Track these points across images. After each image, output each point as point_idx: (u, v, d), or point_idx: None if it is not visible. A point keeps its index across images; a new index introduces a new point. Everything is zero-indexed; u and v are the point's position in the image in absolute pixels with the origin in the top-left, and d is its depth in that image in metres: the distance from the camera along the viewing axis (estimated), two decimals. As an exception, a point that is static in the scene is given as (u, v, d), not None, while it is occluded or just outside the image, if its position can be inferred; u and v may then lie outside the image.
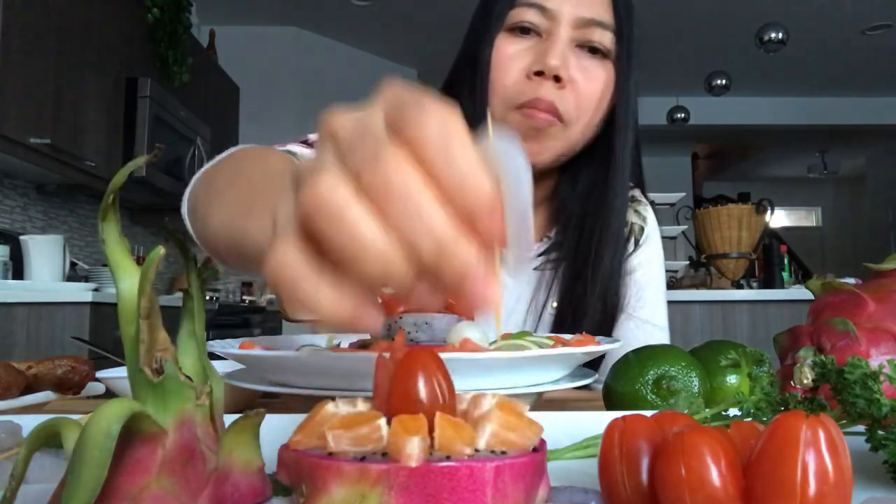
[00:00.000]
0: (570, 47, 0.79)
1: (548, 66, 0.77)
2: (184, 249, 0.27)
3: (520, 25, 0.80)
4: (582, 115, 0.80)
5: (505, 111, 0.80)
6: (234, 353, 0.56)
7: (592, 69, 0.80)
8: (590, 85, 0.80)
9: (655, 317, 0.92)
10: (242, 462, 0.24)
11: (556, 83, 0.78)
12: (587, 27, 0.79)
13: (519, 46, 0.80)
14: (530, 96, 0.78)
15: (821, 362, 0.35)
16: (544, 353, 0.53)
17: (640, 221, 0.95)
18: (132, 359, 0.24)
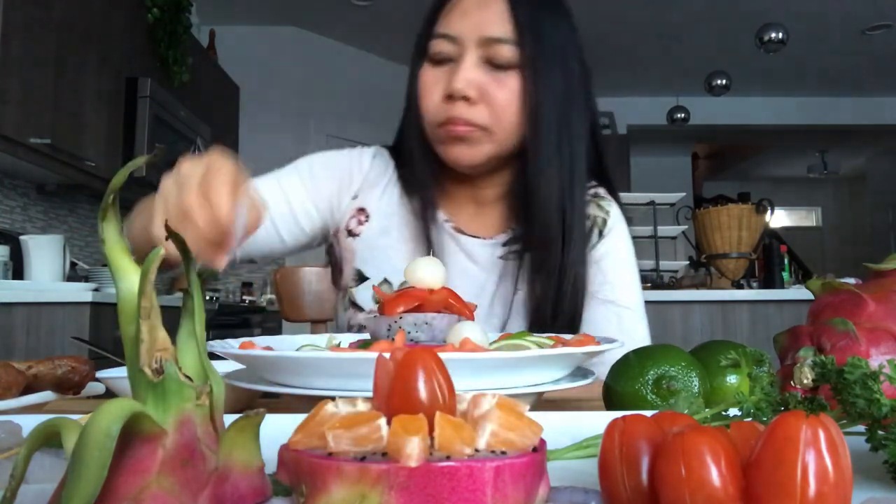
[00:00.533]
0: (480, 64, 0.89)
1: (454, 90, 0.87)
2: (184, 249, 0.27)
3: (436, 56, 0.91)
4: (499, 121, 0.89)
5: (431, 128, 0.92)
6: (234, 353, 0.56)
7: (502, 79, 0.89)
8: (500, 94, 0.88)
9: (623, 298, 0.97)
10: (242, 462, 0.24)
11: (467, 101, 0.88)
12: (490, 45, 0.88)
13: (436, 74, 0.91)
14: (446, 116, 0.89)
15: (821, 362, 0.35)
16: (544, 353, 0.53)
17: (603, 215, 1.00)
18: (132, 359, 0.24)
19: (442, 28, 0.91)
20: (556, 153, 0.91)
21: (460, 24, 0.89)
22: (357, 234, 1.00)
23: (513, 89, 0.89)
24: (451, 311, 0.64)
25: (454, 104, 0.88)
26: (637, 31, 5.20)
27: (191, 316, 0.26)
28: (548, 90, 0.89)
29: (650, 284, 2.94)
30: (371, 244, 0.99)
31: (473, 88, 0.87)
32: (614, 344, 0.61)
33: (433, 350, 0.30)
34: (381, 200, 1.01)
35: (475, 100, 0.88)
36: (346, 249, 1.01)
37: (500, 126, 0.89)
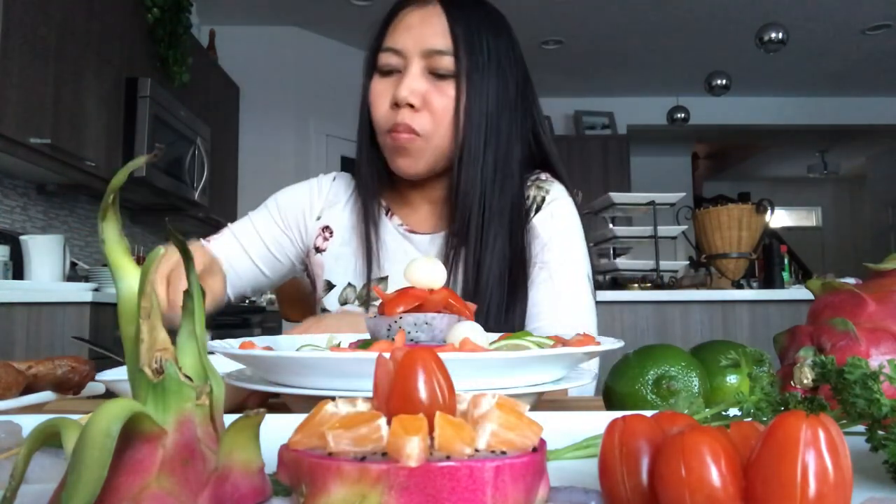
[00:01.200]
0: (424, 74, 0.97)
1: (398, 97, 0.95)
2: (184, 249, 0.27)
3: (383, 68, 0.99)
4: (438, 127, 0.96)
5: (381, 135, 1.00)
6: (234, 353, 0.56)
7: (442, 88, 0.97)
8: (440, 102, 0.96)
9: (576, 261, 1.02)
10: (242, 462, 0.24)
11: (411, 109, 0.95)
12: (431, 56, 0.96)
13: (384, 84, 0.99)
14: (392, 122, 0.96)
15: (821, 362, 0.35)
16: (544, 353, 0.53)
17: (543, 193, 1.06)
18: (132, 359, 0.24)
19: (388, 42, 0.99)
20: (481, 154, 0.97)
21: (404, 37, 0.98)
22: (324, 250, 1.10)
23: (450, 96, 0.96)
24: (451, 311, 0.64)
25: (399, 111, 0.96)
26: (637, 32, 5.20)
27: (191, 316, 0.26)
28: (480, 98, 0.97)
29: (650, 284, 2.94)
30: (335, 254, 1.08)
31: (416, 96, 0.95)
32: (615, 344, 0.61)
33: (433, 350, 0.30)
34: (342, 215, 1.10)
35: (418, 107, 0.95)
36: (316, 265, 1.11)
37: (438, 132, 0.97)
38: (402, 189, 1.08)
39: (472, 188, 0.97)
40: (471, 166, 0.97)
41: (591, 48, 5.49)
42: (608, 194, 2.95)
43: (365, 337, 0.67)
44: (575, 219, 1.06)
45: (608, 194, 2.95)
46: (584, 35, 5.22)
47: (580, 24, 5.00)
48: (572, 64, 5.75)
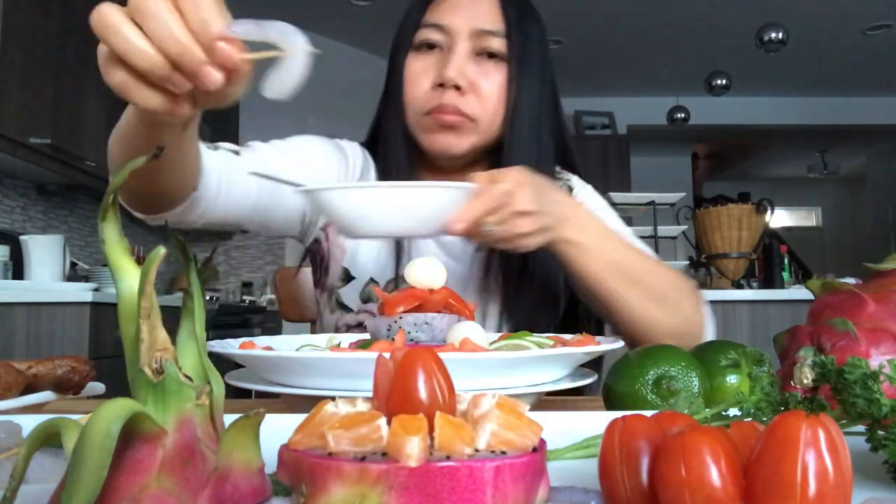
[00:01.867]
0: (471, 55, 0.91)
1: (446, 77, 0.89)
2: (184, 249, 0.27)
3: (425, 43, 0.93)
4: (486, 112, 0.91)
5: (418, 117, 0.93)
6: (234, 353, 0.56)
7: (490, 72, 0.92)
8: (488, 85, 0.91)
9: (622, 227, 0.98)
10: (242, 462, 0.24)
11: (457, 91, 0.89)
12: (481, 37, 0.91)
13: (425, 62, 0.92)
14: (436, 103, 0.90)
15: (821, 362, 0.35)
16: (544, 353, 0.53)
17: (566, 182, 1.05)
18: (132, 359, 0.24)
19: (432, 17, 0.93)
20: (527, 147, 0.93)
21: (452, 15, 0.92)
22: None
23: (499, 82, 0.92)
24: (451, 311, 0.64)
25: (444, 92, 0.89)
26: (637, 31, 5.20)
27: (191, 316, 0.26)
28: (527, 87, 0.93)
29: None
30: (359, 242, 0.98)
31: (464, 78, 0.89)
32: (615, 343, 0.61)
33: (433, 350, 0.30)
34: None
35: (465, 89, 0.90)
36: (336, 246, 0.99)
37: (486, 117, 0.92)
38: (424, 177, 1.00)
39: None
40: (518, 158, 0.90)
41: (591, 48, 5.49)
42: (608, 194, 2.95)
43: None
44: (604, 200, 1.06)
45: (608, 194, 2.95)
46: (584, 35, 5.22)
47: (580, 24, 5.00)
48: (572, 64, 5.75)
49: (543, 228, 0.73)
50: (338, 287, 0.99)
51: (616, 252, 0.81)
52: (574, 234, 0.77)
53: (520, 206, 0.70)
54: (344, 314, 0.98)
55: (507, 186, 0.69)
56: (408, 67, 0.93)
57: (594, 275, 0.79)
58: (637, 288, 0.81)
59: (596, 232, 0.80)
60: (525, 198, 0.70)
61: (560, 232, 0.76)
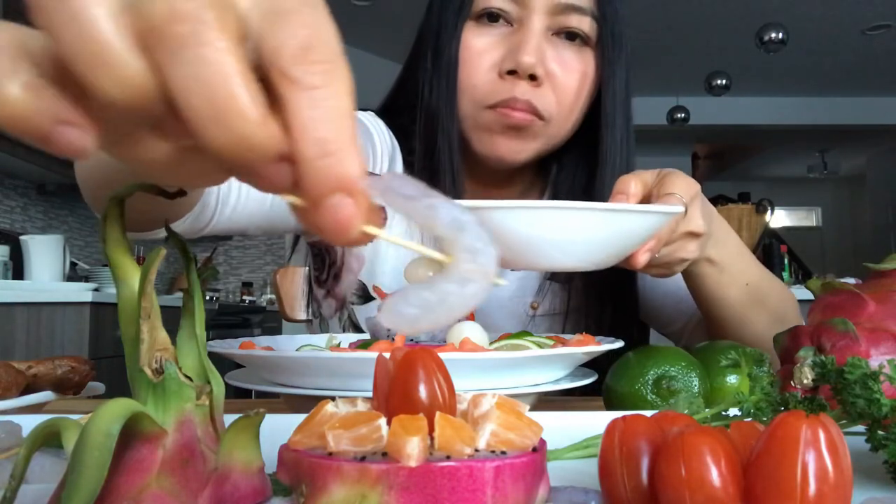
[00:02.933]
0: (546, 36, 0.72)
1: (522, 64, 0.69)
2: (184, 249, 0.27)
3: (488, 12, 0.72)
4: (562, 110, 0.74)
5: (476, 111, 0.74)
6: (234, 353, 0.56)
7: (571, 60, 0.73)
8: (569, 77, 0.73)
9: None
10: (242, 462, 0.24)
11: (532, 81, 0.71)
12: (563, 13, 0.71)
13: (488, 38, 0.72)
14: (505, 96, 0.71)
15: (821, 362, 0.35)
16: (544, 353, 0.53)
17: None
18: (132, 359, 0.24)
19: None
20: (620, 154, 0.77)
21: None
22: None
23: (583, 73, 0.74)
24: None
25: (516, 82, 0.71)
26: (637, 31, 5.20)
27: (191, 316, 0.26)
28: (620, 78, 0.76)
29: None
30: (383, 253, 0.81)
31: (543, 65, 0.71)
32: (615, 343, 0.61)
33: (433, 350, 0.30)
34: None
35: (541, 79, 0.71)
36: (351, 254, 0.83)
37: (562, 116, 0.74)
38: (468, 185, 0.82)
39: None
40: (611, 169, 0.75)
41: (591, 48, 5.49)
42: (608, 194, 2.95)
43: None
44: None
45: (608, 194, 2.95)
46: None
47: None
48: (572, 64, 5.75)
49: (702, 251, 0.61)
50: (352, 303, 0.84)
51: (749, 271, 0.70)
52: (716, 252, 0.66)
53: (692, 227, 0.58)
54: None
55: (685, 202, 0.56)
56: (465, 43, 0.72)
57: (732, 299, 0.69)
58: (765, 310, 0.71)
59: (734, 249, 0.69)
60: (697, 216, 0.58)
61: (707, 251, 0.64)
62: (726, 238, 0.67)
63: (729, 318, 0.71)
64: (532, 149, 0.75)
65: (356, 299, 0.83)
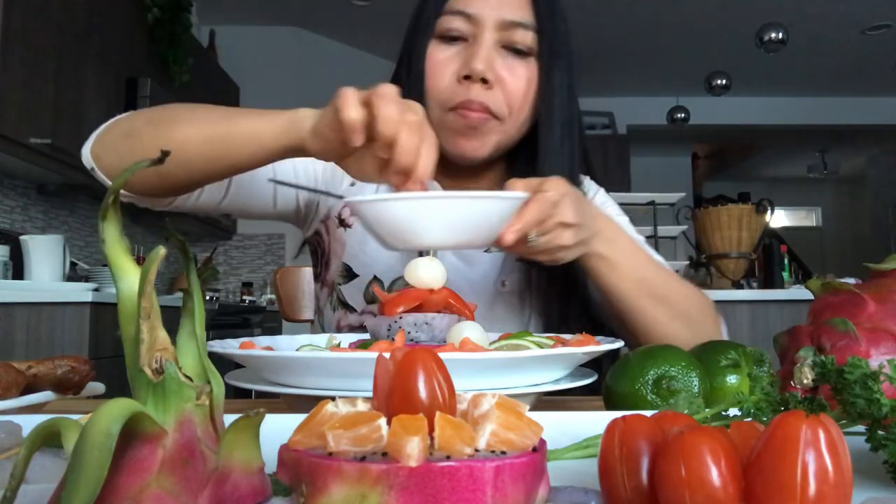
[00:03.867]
0: (496, 48, 0.85)
1: (474, 70, 0.83)
2: (184, 249, 0.27)
3: (447, 33, 0.86)
4: (512, 110, 0.86)
5: (441, 113, 0.86)
6: (234, 353, 0.56)
7: (517, 67, 0.86)
8: (516, 82, 0.86)
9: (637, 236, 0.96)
10: (242, 462, 0.24)
11: (484, 84, 0.84)
12: (509, 29, 0.85)
13: (448, 52, 0.86)
14: (462, 98, 0.84)
15: (821, 362, 0.35)
16: (544, 353, 0.53)
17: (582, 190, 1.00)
18: (132, 359, 0.24)
19: (458, 4, 0.86)
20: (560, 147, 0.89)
21: (479, 3, 0.85)
22: (349, 226, 0.96)
23: (527, 78, 0.86)
24: (451, 311, 0.64)
25: (470, 86, 0.84)
26: (637, 31, 5.20)
27: (191, 316, 0.26)
28: (559, 82, 0.88)
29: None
30: (362, 238, 0.94)
31: (493, 71, 0.84)
32: (615, 343, 0.61)
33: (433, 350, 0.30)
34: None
35: (492, 83, 0.84)
36: (336, 241, 0.97)
37: (511, 116, 0.87)
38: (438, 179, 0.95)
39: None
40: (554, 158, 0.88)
41: (591, 48, 5.49)
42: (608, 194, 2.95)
43: None
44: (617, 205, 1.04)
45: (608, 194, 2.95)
46: (584, 35, 5.21)
47: (580, 24, 4.99)
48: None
49: (582, 242, 0.72)
50: (339, 284, 0.96)
51: (644, 268, 0.79)
52: (605, 248, 0.76)
53: (564, 218, 0.68)
54: (347, 313, 0.96)
55: (553, 196, 0.67)
56: (430, 57, 0.87)
57: (625, 291, 0.78)
58: (663, 305, 0.79)
59: (625, 247, 0.78)
60: (568, 209, 0.68)
61: (593, 246, 0.75)
62: (616, 237, 0.78)
63: (626, 310, 0.80)
64: (490, 145, 0.87)
65: (341, 279, 0.96)
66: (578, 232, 0.70)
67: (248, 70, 4.83)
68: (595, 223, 0.74)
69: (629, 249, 0.79)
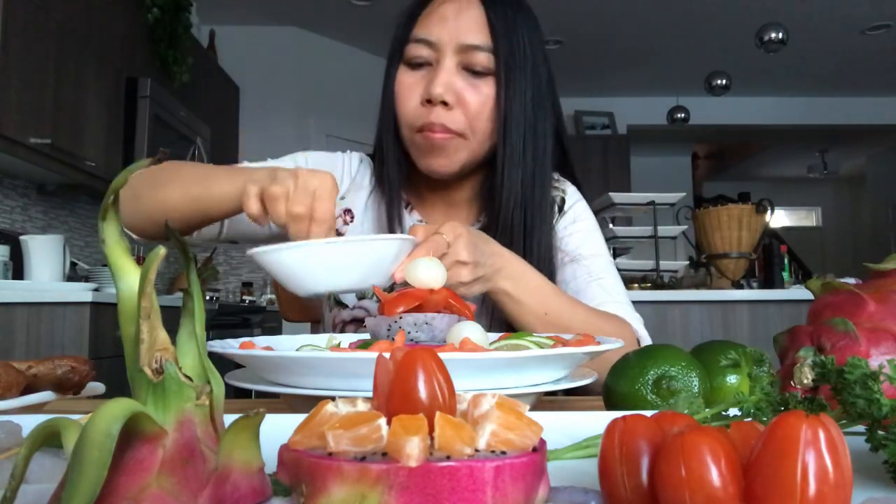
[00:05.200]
0: (458, 70, 0.92)
1: (433, 94, 0.90)
2: (184, 249, 0.27)
3: (413, 60, 0.93)
4: (475, 126, 0.92)
5: (410, 133, 0.94)
6: (234, 353, 0.56)
7: (478, 86, 0.92)
8: (475, 102, 0.92)
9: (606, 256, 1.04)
10: (242, 462, 0.24)
11: (445, 106, 0.90)
12: (468, 52, 0.91)
13: (414, 77, 0.94)
14: (425, 121, 0.91)
15: (821, 362, 0.35)
16: (544, 353, 0.53)
17: (560, 193, 1.06)
18: (132, 359, 0.24)
19: (420, 32, 0.93)
20: (522, 156, 0.94)
21: (439, 29, 0.92)
22: (342, 234, 1.04)
23: (487, 95, 0.92)
24: (451, 311, 0.64)
25: (432, 109, 0.91)
26: (637, 31, 5.20)
27: (191, 316, 0.26)
28: (518, 96, 0.93)
29: (650, 284, 2.94)
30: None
31: (451, 93, 0.90)
32: (615, 344, 0.61)
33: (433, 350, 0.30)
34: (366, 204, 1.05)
35: (452, 105, 0.91)
36: None
37: (475, 132, 0.92)
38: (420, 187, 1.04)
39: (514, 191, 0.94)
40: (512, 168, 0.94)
41: (591, 48, 5.49)
42: (608, 194, 2.95)
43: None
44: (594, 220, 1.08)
45: (608, 194, 2.95)
46: (584, 35, 5.22)
47: (580, 24, 5.00)
48: (572, 64, 5.75)
49: (481, 278, 0.77)
50: None
51: (548, 304, 0.84)
52: (508, 284, 0.81)
53: (459, 256, 0.73)
54: (341, 310, 1.02)
55: (445, 238, 0.73)
56: (398, 82, 0.95)
57: (529, 325, 0.84)
58: None
59: (529, 283, 0.84)
60: (462, 249, 0.74)
61: (497, 282, 0.80)
62: (521, 274, 0.83)
63: None
64: (458, 161, 0.94)
65: None
66: (476, 269, 0.76)
67: (248, 70, 4.83)
68: (497, 261, 0.80)
69: (534, 286, 0.84)
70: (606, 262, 1.03)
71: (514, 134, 0.93)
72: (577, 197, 1.07)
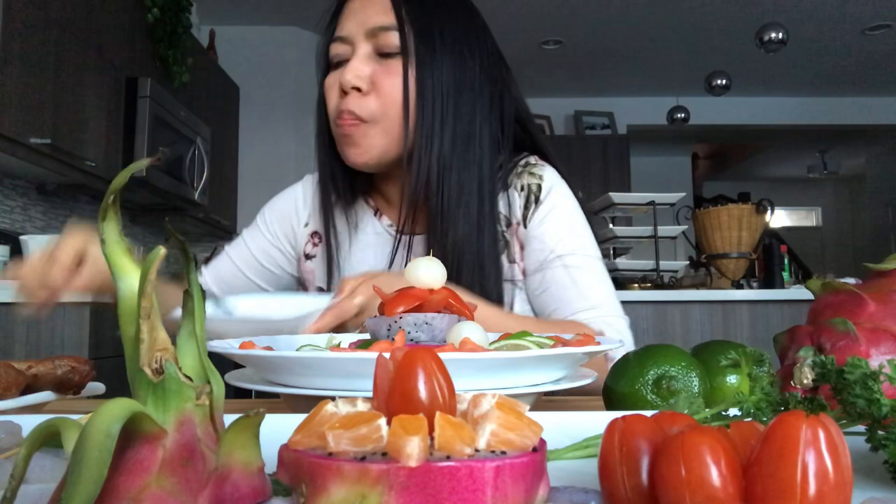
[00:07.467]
0: (373, 57, 0.92)
1: (343, 82, 0.91)
2: (184, 249, 0.27)
3: (334, 59, 0.95)
4: (388, 111, 0.91)
5: (334, 129, 0.95)
6: (234, 352, 0.56)
7: (390, 68, 0.91)
8: (388, 82, 0.91)
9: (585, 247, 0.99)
10: (242, 462, 0.24)
11: (360, 93, 0.91)
12: (377, 35, 0.91)
13: (335, 76, 0.95)
14: (338, 110, 0.92)
15: (821, 362, 0.35)
16: (544, 353, 0.53)
17: (536, 180, 1.01)
18: (132, 359, 0.24)
19: (336, 32, 0.95)
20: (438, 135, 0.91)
21: (349, 23, 0.93)
22: (313, 256, 1.06)
23: (399, 74, 0.91)
24: (451, 311, 0.64)
25: (346, 98, 0.91)
26: (637, 31, 5.20)
27: (191, 316, 0.26)
28: (433, 75, 0.91)
29: (650, 284, 2.94)
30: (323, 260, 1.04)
31: (362, 79, 0.90)
32: (615, 344, 0.61)
33: (433, 350, 0.30)
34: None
35: (366, 90, 0.90)
36: (306, 272, 1.07)
37: (388, 115, 0.91)
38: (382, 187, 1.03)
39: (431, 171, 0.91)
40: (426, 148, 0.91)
41: (591, 48, 5.49)
42: (608, 194, 2.95)
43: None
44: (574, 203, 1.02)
45: (608, 194, 2.95)
46: (584, 35, 5.21)
47: (580, 24, 5.00)
48: (572, 64, 5.75)
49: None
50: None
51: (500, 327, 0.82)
52: None
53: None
54: None
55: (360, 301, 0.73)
56: (325, 84, 0.96)
57: None
58: None
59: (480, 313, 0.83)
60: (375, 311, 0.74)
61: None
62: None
63: None
64: (375, 148, 0.92)
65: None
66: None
67: (247, 70, 4.83)
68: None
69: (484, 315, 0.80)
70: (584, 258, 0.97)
71: (427, 114, 0.91)
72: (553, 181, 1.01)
